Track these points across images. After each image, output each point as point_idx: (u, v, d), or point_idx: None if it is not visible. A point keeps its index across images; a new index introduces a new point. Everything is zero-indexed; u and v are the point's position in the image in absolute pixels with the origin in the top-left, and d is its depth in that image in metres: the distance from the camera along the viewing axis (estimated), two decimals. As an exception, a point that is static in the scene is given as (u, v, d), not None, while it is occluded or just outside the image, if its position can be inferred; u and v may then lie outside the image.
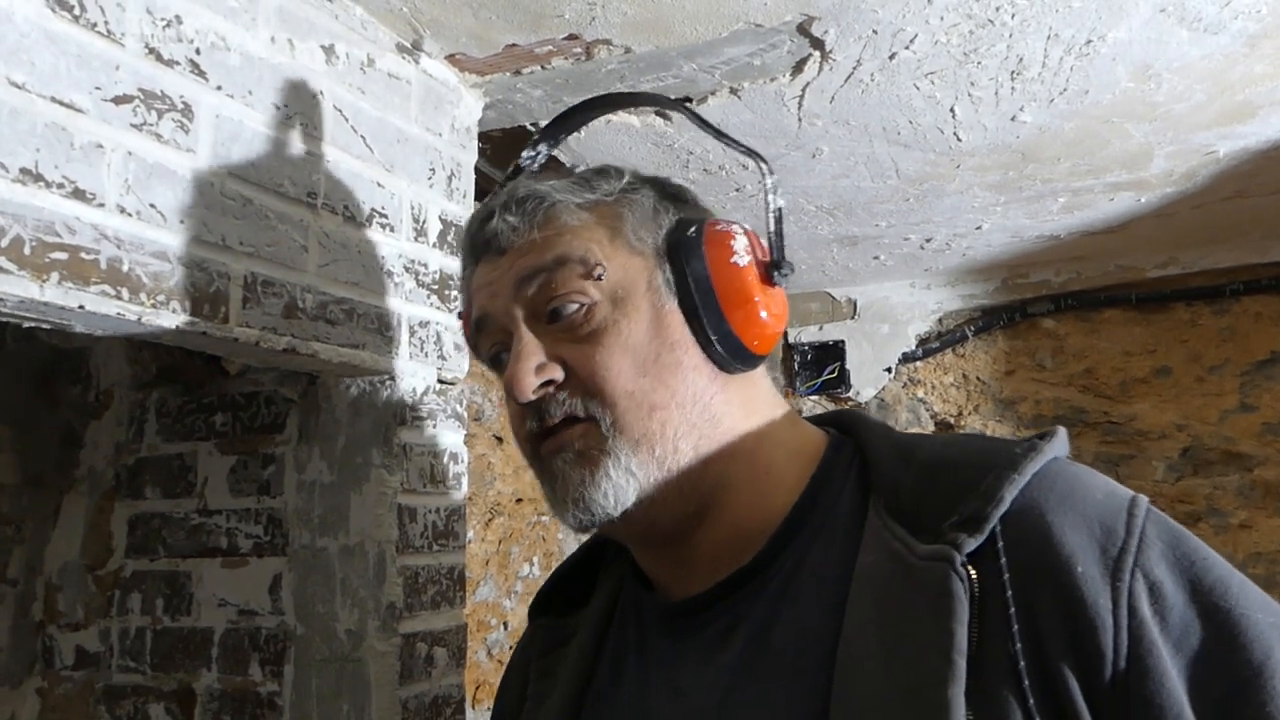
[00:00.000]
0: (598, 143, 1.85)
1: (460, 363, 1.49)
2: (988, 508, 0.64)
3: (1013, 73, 1.60)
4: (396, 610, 1.33)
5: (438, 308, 1.45)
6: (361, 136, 1.32)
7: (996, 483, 0.65)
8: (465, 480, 1.50)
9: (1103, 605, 0.60)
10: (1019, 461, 0.67)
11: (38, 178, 0.91)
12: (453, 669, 1.43)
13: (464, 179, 1.55)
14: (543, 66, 1.49)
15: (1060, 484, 0.66)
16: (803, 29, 1.41)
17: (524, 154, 0.98)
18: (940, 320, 3.10)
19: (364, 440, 1.38)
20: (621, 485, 0.73)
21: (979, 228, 2.49)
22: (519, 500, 2.72)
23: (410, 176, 1.41)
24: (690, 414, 0.75)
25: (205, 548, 1.49)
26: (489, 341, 0.82)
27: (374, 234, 1.33)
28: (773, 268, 0.79)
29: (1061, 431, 0.72)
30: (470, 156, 1.57)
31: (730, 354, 0.77)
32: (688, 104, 0.89)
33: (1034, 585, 0.62)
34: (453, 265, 1.49)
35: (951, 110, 1.74)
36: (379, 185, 1.35)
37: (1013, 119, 1.79)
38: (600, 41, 1.42)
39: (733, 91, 1.63)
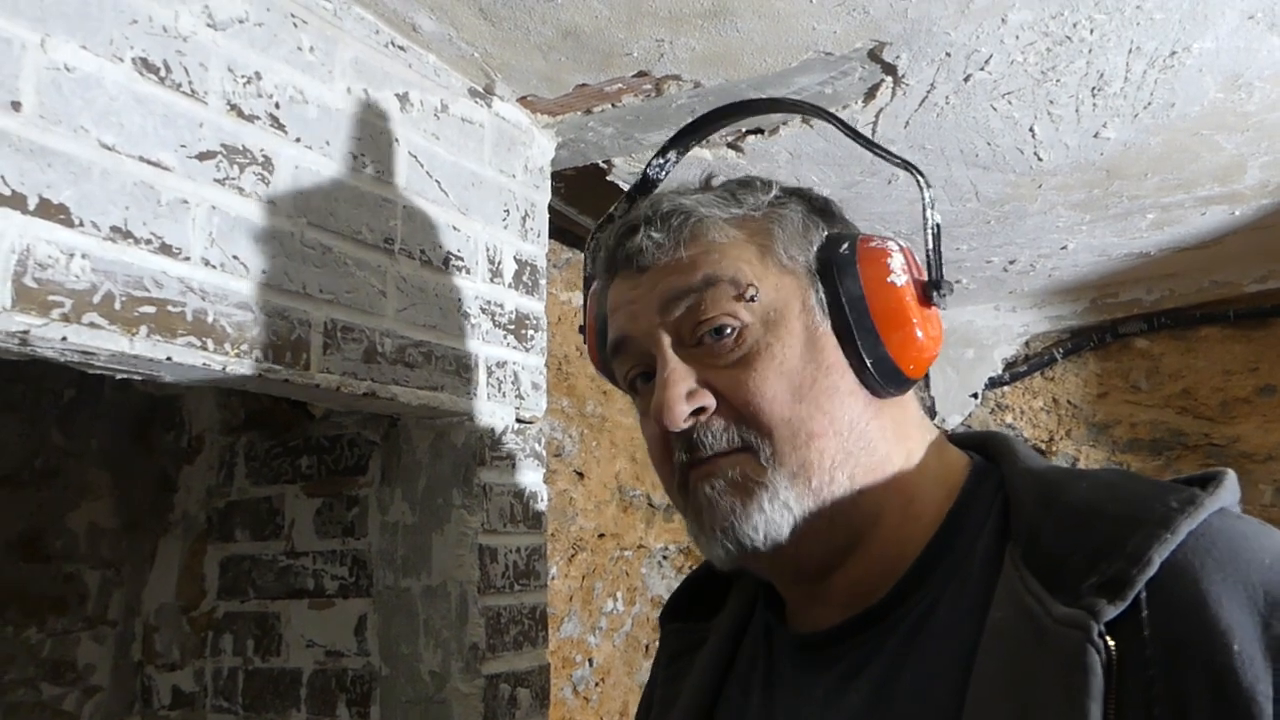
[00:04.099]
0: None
1: (538, 401, 1.49)
2: (1132, 571, 0.58)
3: (1093, 89, 1.56)
4: (479, 651, 1.33)
5: (514, 348, 1.45)
6: (436, 181, 1.34)
7: (1145, 542, 0.59)
8: (546, 519, 1.50)
9: (1261, 691, 0.53)
10: (1172, 518, 0.59)
11: (127, 235, 0.94)
12: (536, 710, 1.42)
13: (538, 219, 1.56)
14: (613, 104, 1.50)
15: (1220, 545, 0.58)
16: (874, 55, 1.40)
17: (652, 161, 0.94)
18: (1027, 343, 3.02)
19: (444, 481, 1.39)
20: (775, 520, 0.69)
21: (1064, 247, 2.42)
22: (601, 535, 2.71)
23: (485, 218, 1.43)
24: (847, 442, 0.71)
25: (293, 589, 1.51)
26: (627, 364, 0.78)
27: (450, 277, 1.35)
28: (931, 287, 0.75)
29: (1229, 477, 0.64)
30: (544, 196, 1.58)
31: (885, 378, 0.73)
32: (832, 115, 0.85)
33: (1182, 663, 0.55)
34: (529, 305, 1.50)
35: (1031, 130, 1.70)
36: (454, 228, 1.37)
37: (1095, 136, 1.74)
38: (670, 78, 1.42)
39: (805, 121, 1.61)
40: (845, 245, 0.75)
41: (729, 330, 0.72)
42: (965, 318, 3.07)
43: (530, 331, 1.49)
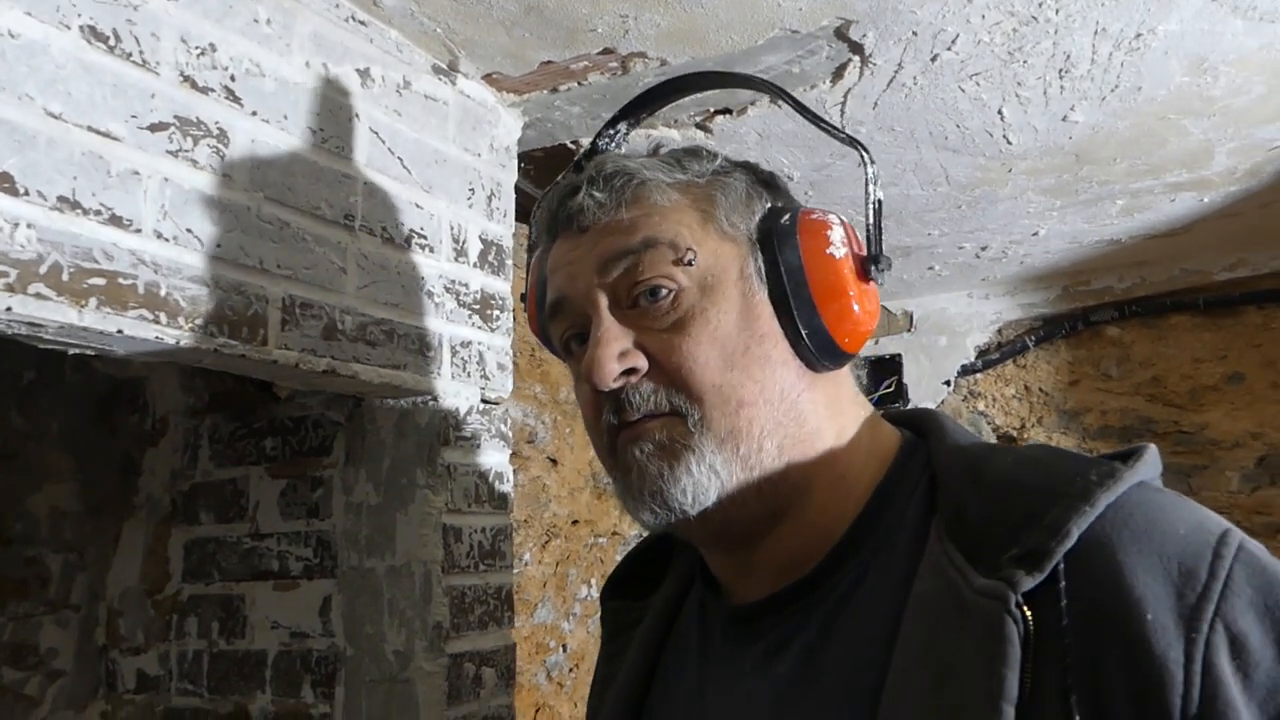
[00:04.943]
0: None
1: (504, 382, 1.48)
2: (1050, 542, 0.58)
3: (1061, 71, 1.56)
4: (443, 630, 1.33)
5: (479, 327, 1.45)
6: (399, 158, 1.33)
7: (1063, 514, 0.59)
8: (511, 500, 1.49)
9: (1173, 659, 0.53)
10: (1091, 491, 0.60)
11: (75, 205, 0.93)
12: (502, 689, 1.42)
13: (504, 198, 1.55)
14: (579, 83, 1.49)
15: (1137, 517, 0.59)
16: (840, 33, 1.39)
17: (603, 131, 0.92)
18: (1000, 331, 3.03)
19: (408, 461, 1.38)
20: (703, 483, 0.69)
21: (1036, 234, 2.43)
22: (575, 522, 2.71)
23: (449, 197, 1.42)
24: (777, 411, 0.71)
25: (258, 571, 1.50)
26: (563, 325, 0.77)
27: (413, 255, 1.34)
28: (870, 262, 0.74)
29: (1150, 452, 0.64)
30: (510, 176, 1.57)
31: (820, 350, 0.72)
32: (788, 95, 0.84)
33: (1097, 632, 0.56)
34: (494, 285, 1.49)
35: (999, 112, 1.70)
36: (417, 206, 1.36)
37: (1064, 119, 1.74)
38: (635, 55, 1.41)
39: (774, 101, 1.61)
40: (786, 216, 0.75)
41: (665, 293, 0.72)
42: (938, 305, 3.08)
43: (496, 312, 1.49)
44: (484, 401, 1.45)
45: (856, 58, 1.47)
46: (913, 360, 3.09)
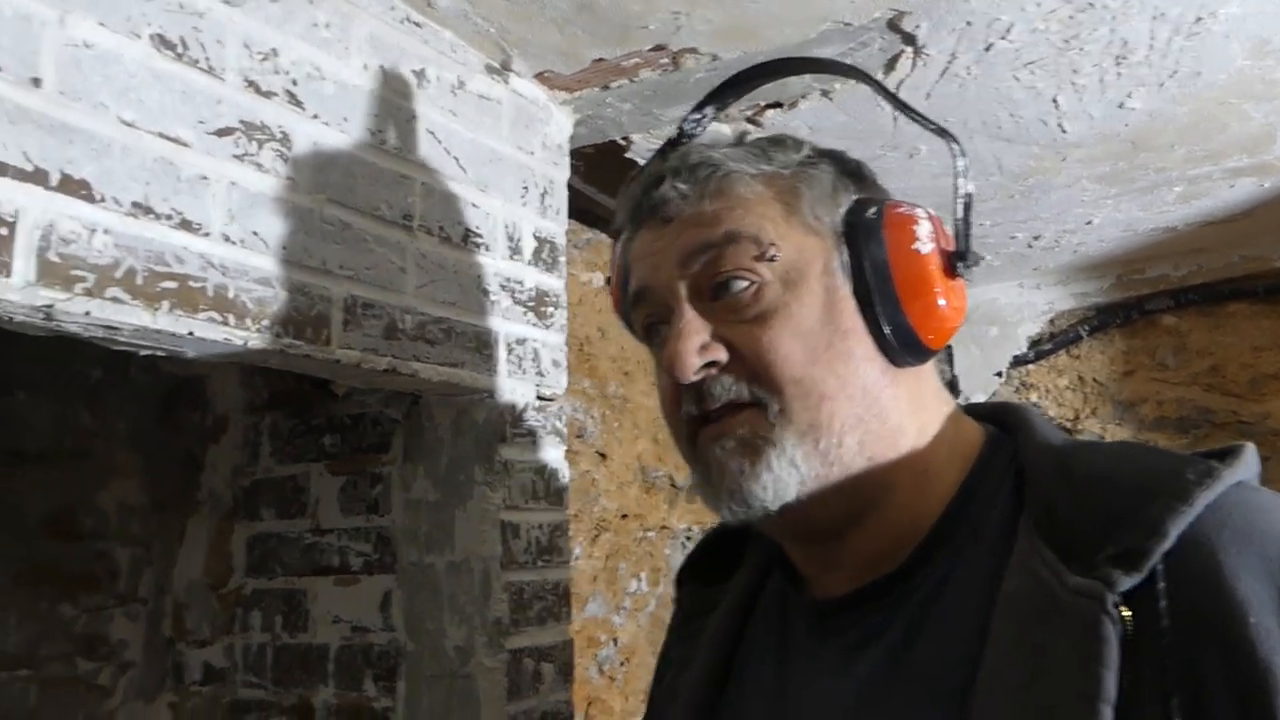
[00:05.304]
0: (689, 154, 1.84)
1: (559, 379, 1.49)
2: (1148, 542, 0.58)
3: (1118, 57, 1.53)
4: (503, 626, 1.34)
5: (534, 325, 1.46)
6: (455, 158, 1.34)
7: (1162, 514, 0.58)
8: (567, 496, 1.50)
9: (1277, 663, 0.53)
10: (1189, 490, 0.59)
11: (148, 210, 0.95)
12: (560, 685, 1.43)
13: (557, 196, 1.56)
14: (631, 79, 1.50)
15: (1237, 517, 0.58)
16: (893, 25, 1.38)
17: (689, 116, 0.92)
18: (1052, 321, 2.99)
19: (466, 458, 1.40)
20: (783, 478, 0.69)
21: (1090, 222, 2.40)
22: (624, 516, 2.72)
23: (504, 195, 1.43)
24: (859, 407, 0.71)
25: (318, 566, 1.53)
26: (644, 313, 0.78)
27: (470, 254, 1.35)
28: (957, 258, 0.73)
29: (1248, 450, 0.63)
30: (562, 173, 1.58)
31: (903, 346, 0.72)
32: (872, 79, 0.84)
33: (1198, 635, 0.55)
34: (549, 282, 1.50)
35: (1054, 100, 1.68)
36: (473, 205, 1.37)
37: (1120, 106, 1.71)
38: (687, 51, 1.42)
39: (824, 94, 1.60)
40: (873, 209, 0.74)
41: (746, 285, 0.72)
42: (989, 295, 3.04)
43: (550, 309, 1.50)
44: (539, 398, 1.46)
45: (909, 49, 1.46)
46: (963, 351, 3.06)
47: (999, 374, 3.03)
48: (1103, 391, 2.91)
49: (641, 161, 1.86)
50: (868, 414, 0.71)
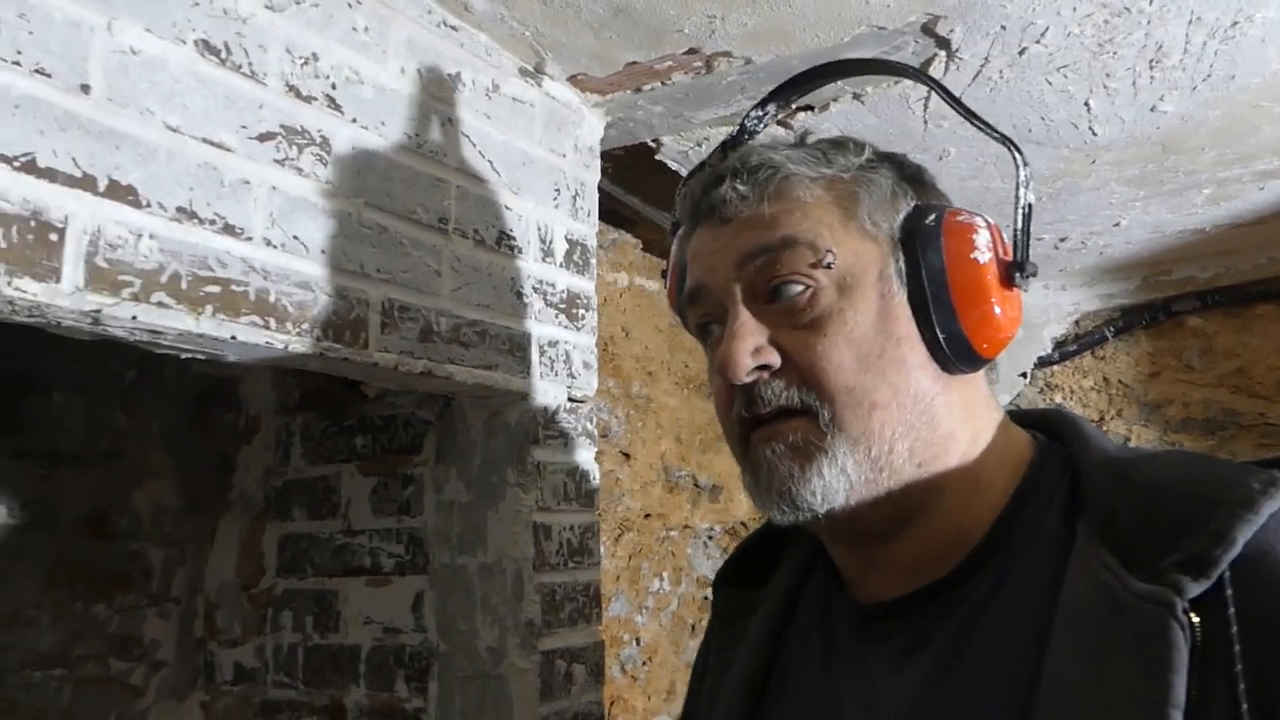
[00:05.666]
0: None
1: (590, 380, 1.50)
2: (1216, 550, 0.58)
3: (1151, 61, 1.52)
4: (535, 627, 1.35)
5: (566, 327, 1.46)
6: (489, 161, 1.35)
7: (1228, 521, 0.59)
8: (597, 497, 1.50)
9: None
10: (1255, 499, 0.59)
11: (192, 215, 0.96)
12: (591, 686, 1.44)
13: (588, 198, 1.56)
14: (663, 82, 1.50)
15: None
16: (927, 29, 1.38)
17: (751, 113, 0.92)
18: (1077, 322, 2.98)
19: (499, 460, 1.40)
20: (833, 485, 0.69)
21: (1117, 224, 2.38)
22: (647, 516, 2.72)
23: (536, 198, 1.43)
24: (910, 415, 0.71)
25: (350, 567, 1.53)
26: (700, 311, 0.78)
27: (503, 256, 1.35)
28: (1015, 268, 0.73)
29: None
30: (593, 176, 1.59)
31: (957, 355, 0.72)
32: (932, 79, 0.85)
33: (1267, 642, 0.55)
34: (580, 284, 1.50)
35: (1086, 104, 1.67)
36: (506, 208, 1.37)
37: (1152, 109, 1.70)
38: (720, 54, 1.41)
39: (856, 97, 1.60)
40: (931, 216, 0.74)
41: (802, 291, 0.72)
42: (1014, 297, 3.03)
43: (581, 311, 1.50)
44: (571, 400, 1.46)
45: (942, 53, 1.46)
46: (987, 353, 3.04)
47: (1024, 375, 3.01)
48: (1128, 393, 2.90)
49: (672, 164, 1.86)
50: (919, 422, 0.71)
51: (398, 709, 1.44)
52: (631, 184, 2.03)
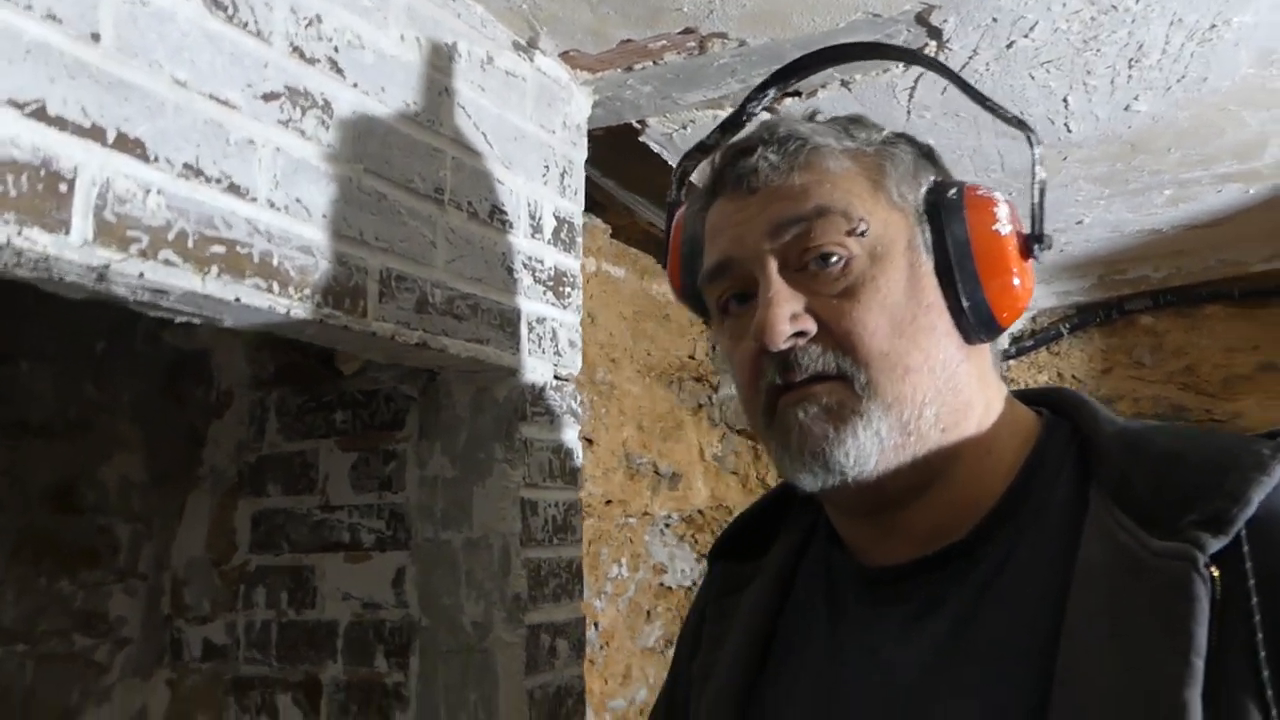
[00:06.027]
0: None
1: (575, 359, 1.49)
2: (1233, 509, 0.61)
3: (1131, 60, 1.56)
4: (522, 601, 1.34)
5: (553, 304, 1.45)
6: (483, 134, 1.34)
7: (1243, 483, 0.62)
8: (581, 476, 1.50)
9: None
10: (1267, 462, 0.63)
11: (198, 173, 0.93)
12: (574, 660, 1.43)
13: (575, 176, 1.56)
14: (655, 61, 1.49)
15: None
16: (921, 18, 1.40)
17: (752, 95, 0.93)
18: (1034, 319, 3.04)
19: (486, 435, 1.39)
20: (866, 447, 0.71)
21: (1080, 222, 2.44)
22: (608, 502, 2.72)
23: (526, 173, 1.43)
24: (938, 381, 0.73)
25: (328, 542, 1.51)
26: (723, 286, 0.78)
27: (495, 230, 1.34)
28: (1033, 240, 0.76)
29: None
30: (580, 154, 1.58)
31: (980, 323, 0.74)
32: (940, 63, 0.87)
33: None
34: (567, 262, 1.50)
35: (1065, 100, 1.70)
36: (499, 182, 1.36)
37: (1126, 108, 1.75)
38: (715, 35, 1.42)
39: (844, 84, 1.62)
40: (954, 190, 0.76)
41: (836, 260, 0.73)
42: (972, 292, 3.08)
43: (568, 289, 1.49)
44: (557, 378, 1.46)
45: (934, 42, 1.48)
46: (945, 347, 3.09)
47: (979, 370, 3.06)
48: (1080, 388, 2.96)
49: (655, 146, 1.86)
50: (945, 388, 0.73)
51: (377, 684, 1.42)
52: (609, 166, 2.02)
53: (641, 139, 1.82)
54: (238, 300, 0.97)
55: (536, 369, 1.41)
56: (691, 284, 0.84)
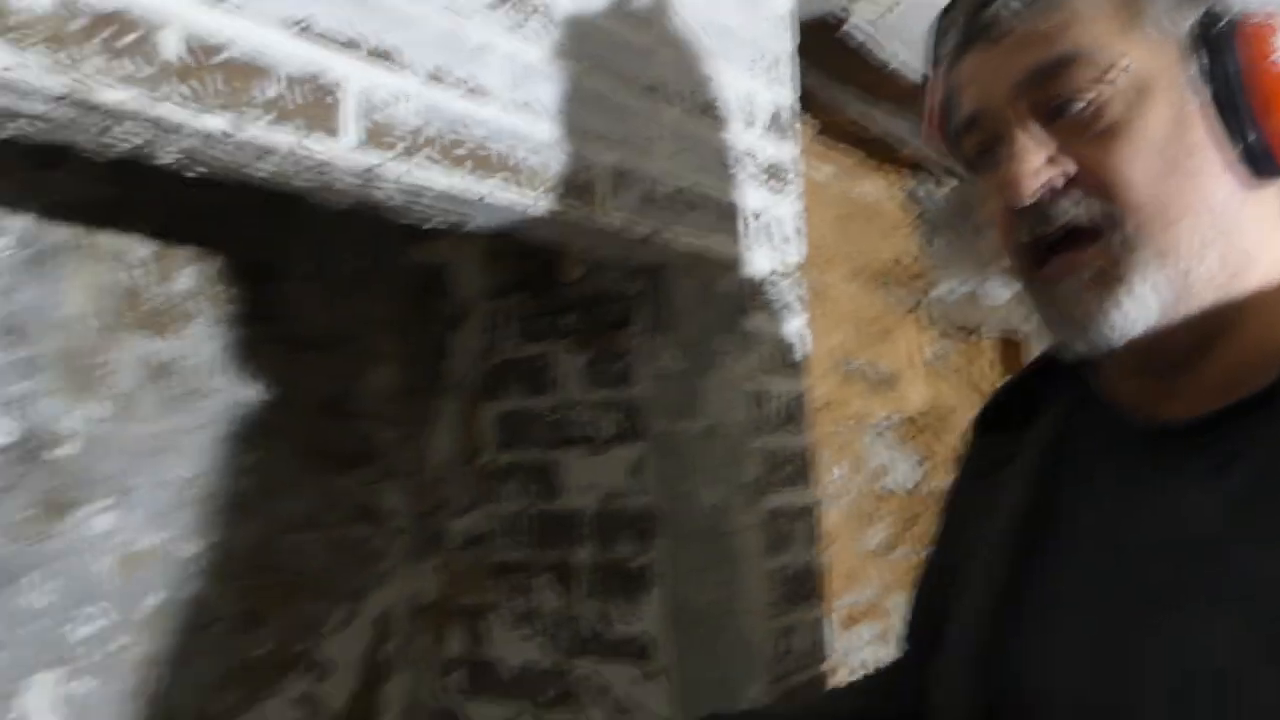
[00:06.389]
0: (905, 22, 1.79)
1: (796, 248, 1.51)
2: None
3: None
4: (757, 487, 1.39)
5: (770, 194, 1.47)
6: (695, 27, 1.35)
7: None
8: (807, 365, 1.52)
9: None
10: None
11: (442, 79, 1.00)
12: (808, 544, 1.47)
13: (784, 67, 1.55)
14: (861, -62, 1.46)
15: None
16: None
17: None
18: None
19: (711, 329, 1.43)
20: (1131, 312, 0.68)
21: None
22: (825, 405, 2.73)
23: (738, 66, 1.43)
24: (1208, 229, 0.68)
25: (568, 438, 1.61)
26: (974, 141, 0.76)
27: (710, 123, 1.37)
28: None
29: None
30: (788, 44, 1.57)
31: (1257, 163, 0.68)
32: None
33: None
34: (782, 152, 1.50)
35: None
36: (713, 75, 1.38)
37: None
38: (925, -100, 1.37)
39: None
40: (1225, 20, 0.70)
41: (1086, 106, 0.69)
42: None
43: (784, 179, 1.50)
44: (778, 269, 1.47)
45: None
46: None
47: None
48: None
49: (859, 36, 1.82)
50: (1218, 237, 0.69)
51: (624, 565, 1.51)
52: (814, 60, 1.99)
53: (845, 29, 1.78)
54: (483, 199, 1.04)
55: (757, 261, 1.43)
56: (951, 146, 0.82)
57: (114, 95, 0.74)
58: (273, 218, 1.53)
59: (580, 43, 1.17)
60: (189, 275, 1.44)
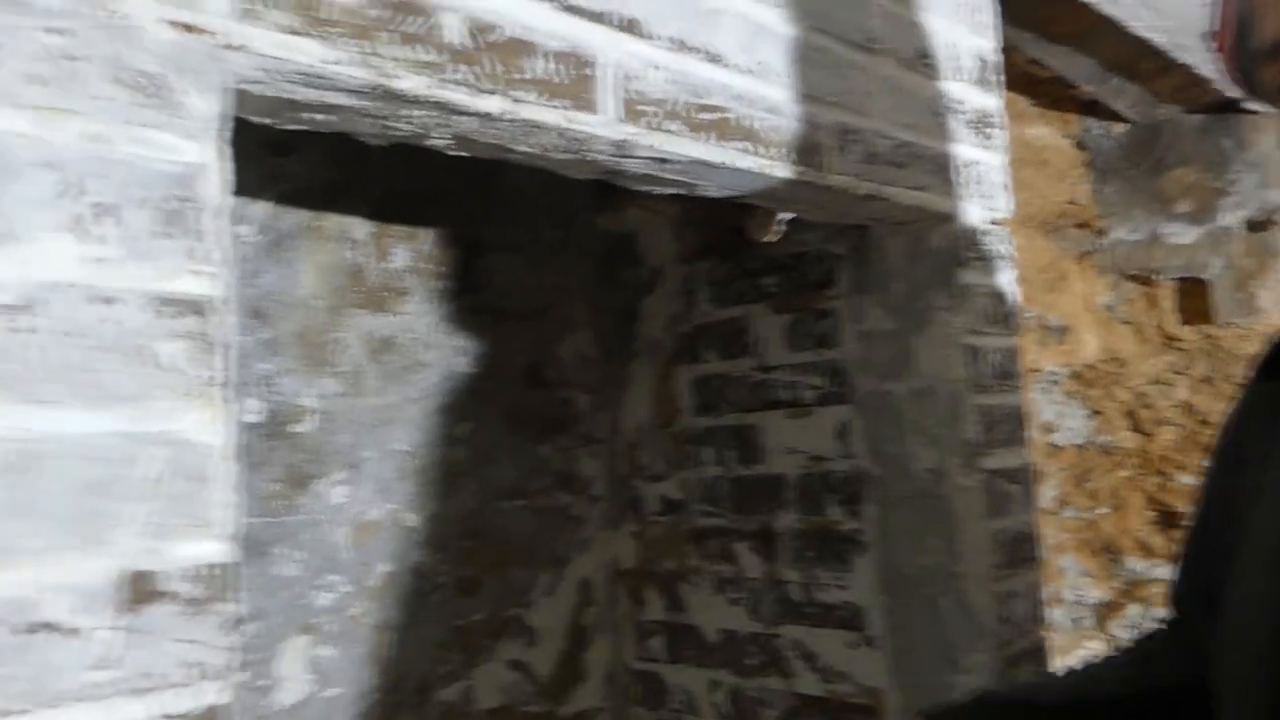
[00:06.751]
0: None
1: (1006, 201, 1.45)
2: None
3: None
4: (975, 447, 1.35)
5: (980, 146, 1.41)
6: (904, -24, 1.31)
7: None
8: (1019, 320, 1.47)
9: None
10: None
11: (682, 45, 0.99)
12: (1025, 506, 1.43)
13: (986, 12, 1.49)
14: None
15: None
16: None
17: None
18: None
19: (924, 284, 1.40)
20: None
21: None
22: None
23: (942, 13, 1.38)
24: None
25: (768, 401, 1.60)
26: (1277, 70, 0.70)
27: (921, 75, 1.32)
28: None
29: None
30: (989, -13, 1.51)
31: None
32: None
33: None
34: (989, 102, 1.45)
35: None
36: (919, 25, 1.33)
37: None
38: None
39: None
40: None
41: None
42: None
43: (991, 129, 1.44)
44: (990, 222, 1.42)
45: None
46: None
47: None
48: None
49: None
50: None
51: (831, 530, 1.50)
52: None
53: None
54: (724, 165, 1.03)
55: (970, 213, 1.39)
56: (1243, 74, 0.77)
57: (408, 83, 0.75)
58: (476, 193, 1.56)
59: (801, 0, 1.15)
60: (403, 253, 1.48)
